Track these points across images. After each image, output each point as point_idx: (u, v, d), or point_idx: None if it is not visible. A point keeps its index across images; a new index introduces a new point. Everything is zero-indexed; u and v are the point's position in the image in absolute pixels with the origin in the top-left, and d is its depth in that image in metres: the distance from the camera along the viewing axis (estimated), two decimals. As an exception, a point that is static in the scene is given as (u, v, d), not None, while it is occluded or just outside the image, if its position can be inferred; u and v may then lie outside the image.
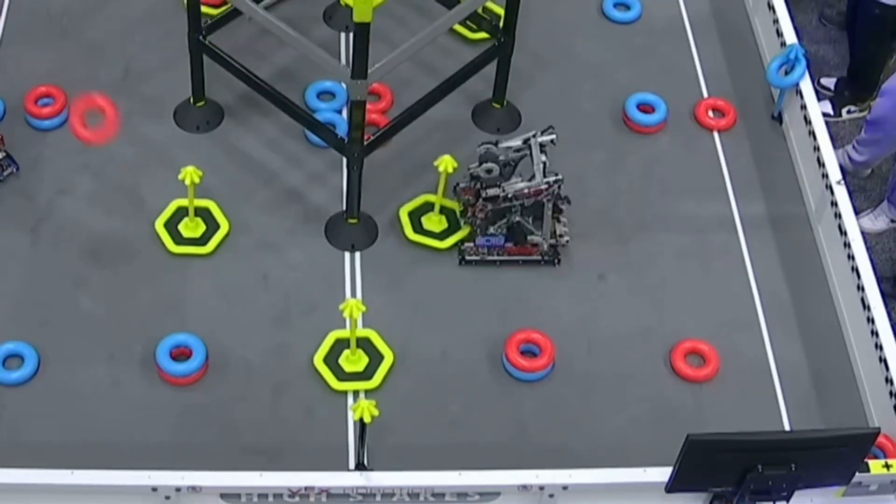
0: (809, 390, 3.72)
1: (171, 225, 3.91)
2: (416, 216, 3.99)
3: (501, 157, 3.79)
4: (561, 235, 3.90)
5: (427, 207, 4.00)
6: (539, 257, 3.91)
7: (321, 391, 3.61)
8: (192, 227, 3.90)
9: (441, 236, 3.97)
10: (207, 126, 4.23)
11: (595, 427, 3.60)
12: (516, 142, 3.83)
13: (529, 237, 3.83)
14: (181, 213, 3.92)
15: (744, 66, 4.58)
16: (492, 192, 3.77)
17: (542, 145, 3.81)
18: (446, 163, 3.74)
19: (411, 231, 3.96)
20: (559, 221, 3.91)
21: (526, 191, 3.76)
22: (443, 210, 3.97)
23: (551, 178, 3.77)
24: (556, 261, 3.92)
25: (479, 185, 3.81)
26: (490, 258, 3.91)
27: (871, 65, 6.27)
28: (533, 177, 3.77)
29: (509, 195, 3.77)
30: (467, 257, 3.91)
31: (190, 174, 3.68)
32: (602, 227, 4.06)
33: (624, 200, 4.15)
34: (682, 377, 3.71)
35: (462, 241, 3.91)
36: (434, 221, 3.98)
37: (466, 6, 3.84)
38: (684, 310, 3.88)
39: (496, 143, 3.80)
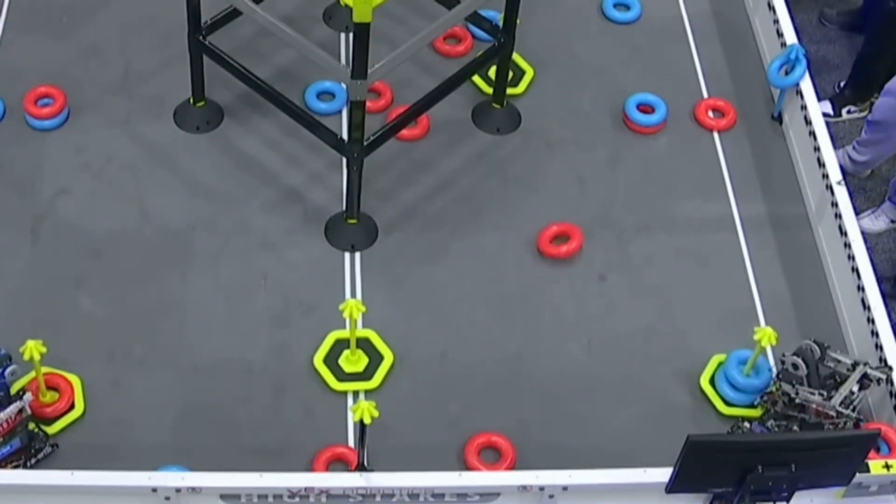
0: (809, 390, 3.72)
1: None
2: None
3: (829, 366, 3.49)
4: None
5: None
6: None
7: (321, 391, 3.60)
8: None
9: None
10: (207, 126, 4.23)
11: (595, 427, 3.60)
12: (847, 359, 3.51)
13: None
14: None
15: (744, 66, 4.58)
16: (786, 387, 3.45)
17: (865, 376, 3.47)
18: None
19: None
20: None
21: (814, 406, 3.41)
22: None
23: (846, 411, 3.39)
24: None
25: (780, 376, 3.52)
26: None
27: (878, 61, 6.22)
28: (831, 397, 3.42)
29: (797, 400, 3.43)
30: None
31: None
32: (602, 227, 4.06)
33: (624, 200, 4.15)
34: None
35: (743, 419, 3.57)
36: None
37: (466, 6, 3.84)
38: (684, 310, 3.88)
39: (826, 348, 3.51)
